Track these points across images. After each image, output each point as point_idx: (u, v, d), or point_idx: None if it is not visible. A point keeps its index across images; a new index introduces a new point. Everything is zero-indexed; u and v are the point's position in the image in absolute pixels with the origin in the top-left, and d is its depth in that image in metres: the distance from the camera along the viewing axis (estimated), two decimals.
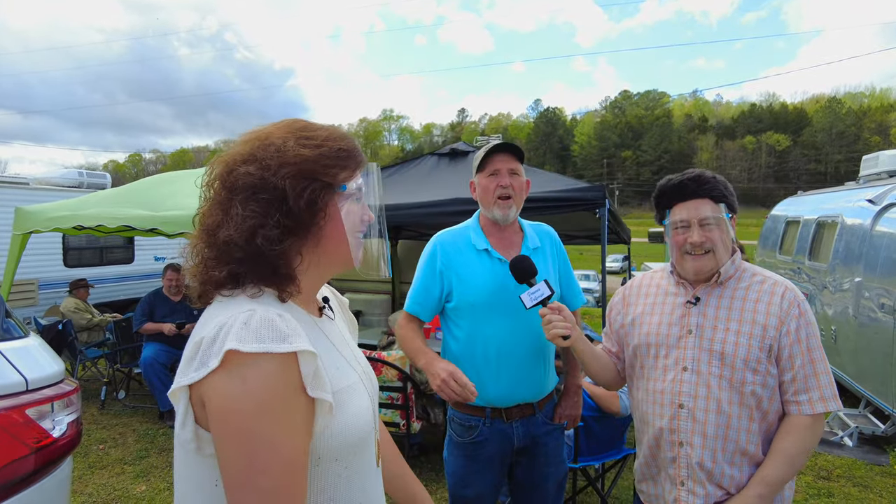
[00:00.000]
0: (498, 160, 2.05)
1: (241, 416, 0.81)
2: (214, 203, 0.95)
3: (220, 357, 0.80)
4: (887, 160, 6.75)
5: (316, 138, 0.97)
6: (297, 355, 0.84)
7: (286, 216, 0.92)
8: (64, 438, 2.02)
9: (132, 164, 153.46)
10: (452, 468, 2.15)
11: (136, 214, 4.99)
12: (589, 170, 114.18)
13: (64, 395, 2.07)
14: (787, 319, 1.54)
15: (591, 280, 22.74)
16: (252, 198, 0.91)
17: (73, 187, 9.24)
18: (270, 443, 0.82)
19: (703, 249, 1.59)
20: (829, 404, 1.52)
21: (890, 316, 4.89)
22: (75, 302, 6.98)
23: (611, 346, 1.89)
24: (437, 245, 2.12)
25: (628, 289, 1.86)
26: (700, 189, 1.60)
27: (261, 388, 0.81)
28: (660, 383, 1.66)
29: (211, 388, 0.81)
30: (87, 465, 4.32)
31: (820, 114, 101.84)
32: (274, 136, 0.96)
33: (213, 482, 0.88)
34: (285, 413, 0.83)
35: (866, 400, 5.48)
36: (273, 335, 0.83)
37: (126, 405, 5.82)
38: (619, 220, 5.70)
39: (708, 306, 1.62)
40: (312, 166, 0.94)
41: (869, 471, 4.41)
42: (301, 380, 0.85)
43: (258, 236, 0.90)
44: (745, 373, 1.54)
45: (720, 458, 1.55)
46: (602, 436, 3.31)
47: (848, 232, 6.14)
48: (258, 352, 0.81)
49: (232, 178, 0.93)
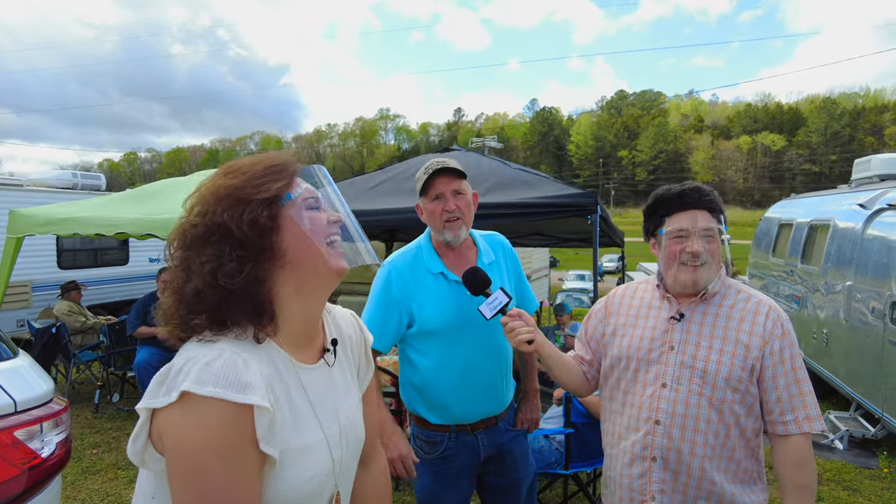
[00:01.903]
0: (440, 183, 1.98)
1: (196, 455, 0.82)
2: (176, 268, 0.96)
3: (178, 393, 0.82)
4: (879, 164, 6.78)
5: (242, 168, 0.98)
6: (253, 408, 0.85)
7: (237, 246, 0.92)
8: (53, 458, 2.02)
9: (127, 163, 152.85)
10: (420, 485, 2.13)
11: (133, 219, 5.00)
12: (585, 170, 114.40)
13: (53, 415, 2.07)
14: (770, 340, 1.55)
15: (586, 280, 22.78)
16: (205, 245, 0.93)
17: (67, 189, 9.21)
18: (224, 484, 0.83)
19: (700, 261, 1.58)
20: (814, 424, 1.53)
21: (880, 319, 4.93)
22: (69, 304, 6.96)
23: (584, 353, 1.86)
24: (392, 271, 2.05)
25: (611, 298, 1.84)
26: (701, 200, 1.60)
27: (216, 431, 0.82)
28: (637, 397, 1.65)
29: (168, 421, 0.83)
30: (80, 471, 4.32)
31: (815, 114, 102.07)
32: (207, 185, 0.98)
33: (151, 495, 0.92)
34: (238, 458, 0.84)
35: (857, 403, 5.52)
36: (231, 382, 0.84)
37: (120, 409, 5.81)
38: (611, 224, 5.73)
39: (692, 323, 1.62)
40: (242, 191, 0.94)
41: (858, 474, 4.44)
42: (253, 432, 0.85)
43: (219, 277, 0.91)
44: (726, 391, 1.54)
45: (697, 475, 1.55)
46: (593, 442, 3.33)
47: (840, 235, 6.18)
48: (213, 396, 0.82)
49: (185, 238, 0.95)
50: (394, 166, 6.15)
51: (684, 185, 1.65)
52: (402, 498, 3.86)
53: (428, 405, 2.07)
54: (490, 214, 4.01)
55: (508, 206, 4.15)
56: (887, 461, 4.68)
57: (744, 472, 1.58)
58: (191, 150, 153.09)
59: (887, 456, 4.78)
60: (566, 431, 3.21)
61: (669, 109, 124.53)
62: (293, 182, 0.99)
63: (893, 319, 4.72)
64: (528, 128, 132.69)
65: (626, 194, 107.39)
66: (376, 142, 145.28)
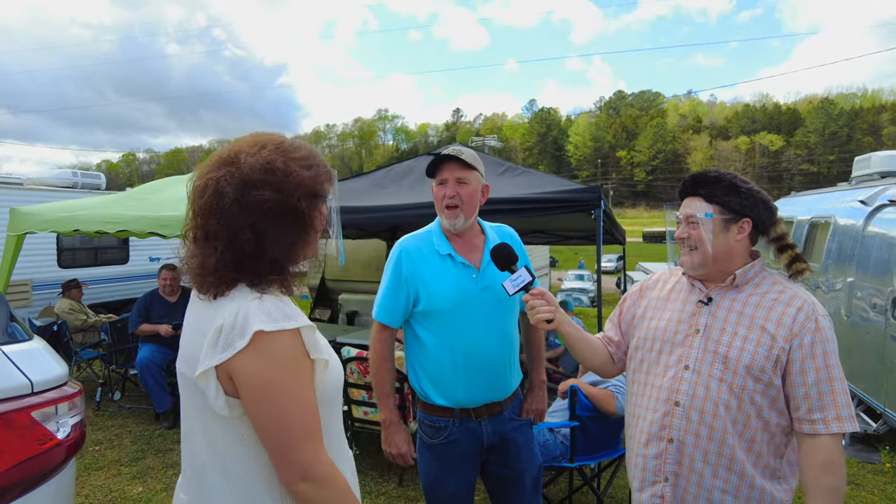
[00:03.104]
0: (446, 169, 2.05)
1: (271, 381, 1.06)
2: (241, 220, 1.12)
3: (248, 338, 1.04)
4: (879, 161, 6.81)
5: (308, 158, 1.20)
6: (300, 330, 1.11)
7: (302, 227, 1.17)
8: (68, 440, 2.03)
9: (126, 164, 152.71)
10: (425, 469, 2.18)
11: (135, 216, 5.00)
12: (583, 170, 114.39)
13: (68, 397, 2.08)
14: (801, 333, 1.50)
15: (585, 280, 22.82)
16: (279, 220, 1.13)
17: (67, 188, 9.20)
18: (295, 397, 1.08)
19: (689, 246, 1.62)
20: (844, 424, 1.45)
21: (881, 316, 4.94)
22: (70, 303, 6.96)
23: (613, 334, 1.88)
24: (402, 251, 2.12)
25: (647, 282, 1.87)
26: (695, 187, 1.64)
27: (282, 358, 1.07)
28: (659, 379, 1.65)
29: (241, 363, 1.06)
30: (83, 467, 4.31)
31: (813, 114, 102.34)
32: (276, 160, 1.15)
33: (240, 437, 1.13)
34: (299, 373, 1.10)
35: (859, 399, 5.53)
36: (285, 315, 1.09)
37: (122, 406, 5.80)
38: (615, 221, 5.73)
39: (720, 308, 1.61)
40: (316, 185, 1.19)
41: (861, 469, 4.45)
42: (304, 347, 1.12)
43: (286, 248, 1.15)
44: (747, 379, 1.52)
45: (713, 461, 1.54)
46: (598, 435, 3.34)
47: (840, 232, 6.19)
48: (275, 330, 1.06)
49: (249, 199, 1.12)
50: (395, 165, 6.16)
51: (696, 173, 1.68)
52: (405, 493, 3.86)
53: (433, 383, 2.11)
54: (493, 210, 4.02)
55: (511, 202, 4.15)
56: (889, 456, 4.69)
57: (764, 467, 1.54)
58: (189, 151, 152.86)
59: (889, 451, 4.79)
60: (571, 425, 3.21)
61: (668, 110, 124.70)
62: (332, 183, 1.26)
63: (895, 315, 4.73)
64: (527, 128, 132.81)
65: (624, 195, 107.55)
66: (375, 142, 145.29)
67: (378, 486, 3.96)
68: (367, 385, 4.10)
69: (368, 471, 4.14)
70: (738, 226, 1.60)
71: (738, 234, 1.60)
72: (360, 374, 4.10)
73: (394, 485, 3.98)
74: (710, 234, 1.60)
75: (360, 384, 4.11)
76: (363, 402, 4.15)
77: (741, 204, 1.59)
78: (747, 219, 1.60)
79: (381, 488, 3.94)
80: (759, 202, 1.60)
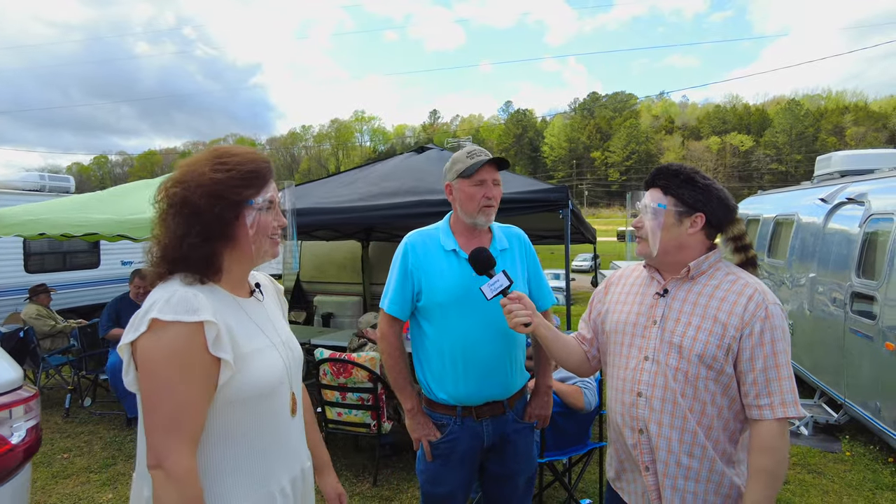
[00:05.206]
0: (486, 171, 2.13)
1: (151, 363, 1.15)
2: (159, 215, 1.26)
3: (147, 324, 1.14)
4: (839, 160, 7.04)
5: (228, 164, 1.26)
6: (203, 324, 1.16)
7: (202, 226, 1.23)
8: (23, 444, 2.01)
9: (98, 167, 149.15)
10: (423, 466, 2.21)
11: (103, 219, 4.92)
12: (559, 171, 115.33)
13: (22, 401, 2.05)
14: (751, 321, 1.54)
15: (560, 280, 23.02)
16: (178, 213, 1.23)
17: (34, 191, 9.01)
18: (172, 388, 1.14)
19: (640, 235, 1.69)
20: (788, 409, 1.50)
21: (841, 310, 5.11)
22: (37, 308, 6.80)
23: (586, 332, 1.92)
24: (408, 245, 2.20)
25: (612, 277, 1.91)
26: (653, 180, 1.70)
27: (169, 345, 1.14)
28: (622, 371, 1.71)
29: (139, 346, 1.16)
30: (50, 475, 4.24)
31: (780, 115, 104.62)
32: (195, 164, 1.26)
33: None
34: (186, 366, 1.15)
35: (821, 391, 5.71)
36: (185, 309, 1.15)
37: (92, 413, 5.71)
38: (583, 220, 5.82)
39: (675, 299, 1.66)
40: (220, 188, 1.23)
41: (822, 458, 4.61)
42: (205, 342, 1.16)
43: (183, 244, 1.22)
44: (700, 367, 1.56)
45: (676, 448, 1.58)
46: (568, 431, 3.39)
47: (803, 229, 6.39)
48: (172, 320, 1.14)
49: (168, 195, 1.25)
50: (369, 165, 6.16)
51: (660, 166, 1.73)
52: (380, 492, 3.88)
53: (434, 378, 2.15)
54: None
55: None
56: (849, 445, 4.86)
57: (721, 453, 1.60)
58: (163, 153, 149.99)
59: (849, 440, 4.96)
60: None
61: (641, 111, 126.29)
62: (261, 190, 1.29)
63: (853, 309, 4.90)
64: (503, 129, 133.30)
65: (599, 195, 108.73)
66: (352, 144, 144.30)
67: (353, 487, 3.97)
68: (340, 386, 4.11)
69: (343, 471, 4.16)
70: (690, 219, 1.62)
71: (691, 227, 1.63)
72: (334, 376, 4.11)
73: (368, 485, 4.00)
74: (660, 224, 1.64)
75: (334, 385, 4.12)
76: (337, 403, 4.16)
77: (695, 198, 1.61)
78: (700, 213, 1.62)
79: (356, 489, 3.95)
80: (714, 199, 1.63)
